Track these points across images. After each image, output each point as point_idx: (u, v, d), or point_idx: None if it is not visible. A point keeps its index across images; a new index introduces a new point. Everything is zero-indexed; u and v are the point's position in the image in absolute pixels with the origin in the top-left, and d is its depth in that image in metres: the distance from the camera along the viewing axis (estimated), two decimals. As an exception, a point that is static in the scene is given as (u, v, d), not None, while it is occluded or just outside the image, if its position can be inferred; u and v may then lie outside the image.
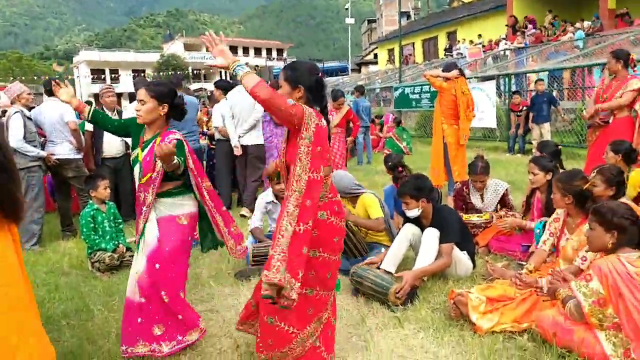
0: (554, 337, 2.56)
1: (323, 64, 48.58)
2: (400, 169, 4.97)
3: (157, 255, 2.71)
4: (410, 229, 3.75)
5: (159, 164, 2.64)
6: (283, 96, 2.26)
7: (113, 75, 49.22)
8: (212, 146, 7.18)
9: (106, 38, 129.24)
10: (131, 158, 2.90)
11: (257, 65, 33.15)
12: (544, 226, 3.87)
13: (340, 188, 4.06)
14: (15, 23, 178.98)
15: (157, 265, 2.70)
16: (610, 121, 5.05)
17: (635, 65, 5.11)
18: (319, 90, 2.41)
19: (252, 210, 5.21)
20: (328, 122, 2.44)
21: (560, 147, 4.96)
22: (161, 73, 38.61)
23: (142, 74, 43.49)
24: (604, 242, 2.56)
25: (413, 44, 30.50)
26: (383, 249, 4.04)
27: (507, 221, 4.29)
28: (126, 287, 2.87)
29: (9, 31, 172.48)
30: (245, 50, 59.56)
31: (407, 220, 3.82)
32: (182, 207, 2.82)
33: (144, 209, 2.75)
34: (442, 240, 3.59)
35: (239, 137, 6.15)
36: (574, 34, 16.19)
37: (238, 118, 6.13)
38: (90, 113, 2.99)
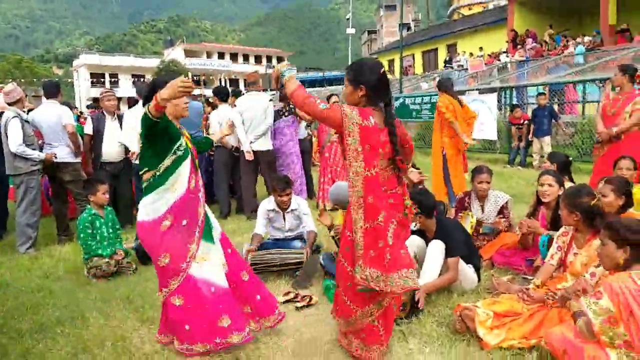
0: (563, 355, 2.48)
1: (323, 73, 48.73)
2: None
3: (225, 240, 2.99)
4: (414, 241, 3.69)
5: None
6: (315, 103, 2.45)
7: (112, 80, 49.19)
8: (211, 153, 7.14)
9: (107, 42, 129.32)
10: (182, 148, 2.72)
11: (256, 71, 33.14)
12: (549, 240, 3.82)
13: (340, 199, 4.02)
14: (17, 25, 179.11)
15: (229, 250, 2.97)
16: (622, 137, 4.97)
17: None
18: (381, 87, 2.54)
19: None
20: (392, 117, 2.54)
21: (570, 158, 4.91)
22: (161, 79, 38.53)
23: (142, 79, 43.54)
24: (616, 258, 2.50)
25: (413, 55, 30.63)
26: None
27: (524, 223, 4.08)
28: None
29: (10, 34, 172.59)
30: (245, 58, 59.68)
31: (412, 232, 3.76)
32: None
33: (201, 197, 2.80)
34: (449, 254, 3.52)
35: (251, 142, 6.11)
36: (574, 48, 16.26)
37: (249, 124, 6.11)
38: None
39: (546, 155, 8.37)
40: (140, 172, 2.70)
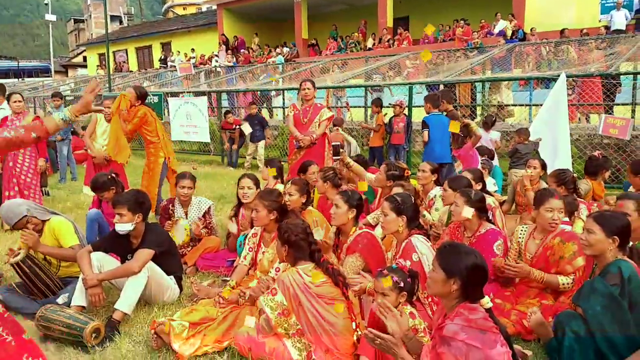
0: (249, 352, 2.71)
1: (18, 63, 41.98)
2: None
3: None
4: (95, 257, 3.43)
5: None
6: None
7: None
8: None
9: None
10: None
11: None
12: (244, 239, 4.12)
13: (8, 219, 3.55)
14: None
15: None
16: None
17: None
18: None
19: None
20: None
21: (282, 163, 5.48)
22: None
23: None
24: (282, 255, 2.87)
25: (126, 50, 29.06)
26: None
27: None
28: None
29: None
30: None
31: (96, 248, 3.51)
32: None
33: None
34: (143, 246, 3.43)
35: None
36: (276, 57, 18.05)
37: None
38: None
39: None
40: None
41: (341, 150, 5.03)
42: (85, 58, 35.65)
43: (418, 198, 4.36)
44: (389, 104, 8.99)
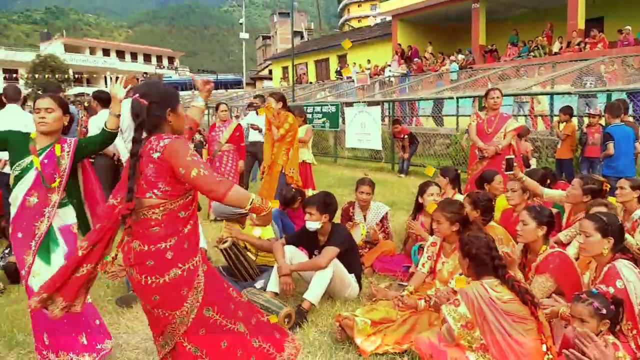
0: (430, 359, 2.73)
1: (217, 76, 47.93)
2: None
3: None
4: (287, 250, 3.78)
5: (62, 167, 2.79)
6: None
7: (-20, 73, 44.07)
8: (91, 160, 6.70)
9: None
10: (18, 168, 2.78)
11: (145, 73, 31.63)
12: (419, 248, 4.16)
13: (222, 209, 4.20)
14: None
15: None
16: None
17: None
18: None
19: None
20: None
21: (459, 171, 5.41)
22: (37, 75, 34.84)
23: (15, 74, 39.48)
24: (464, 267, 2.84)
25: (306, 63, 31.22)
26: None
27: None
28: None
29: None
30: (134, 56, 56.68)
31: (289, 242, 3.88)
32: (72, 215, 2.93)
33: (46, 214, 2.74)
34: (329, 244, 3.69)
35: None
36: (450, 65, 17.67)
37: (128, 133, 5.81)
38: None
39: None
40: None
41: (515, 164, 4.75)
42: (270, 71, 39.22)
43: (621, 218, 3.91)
44: (587, 112, 8.15)
